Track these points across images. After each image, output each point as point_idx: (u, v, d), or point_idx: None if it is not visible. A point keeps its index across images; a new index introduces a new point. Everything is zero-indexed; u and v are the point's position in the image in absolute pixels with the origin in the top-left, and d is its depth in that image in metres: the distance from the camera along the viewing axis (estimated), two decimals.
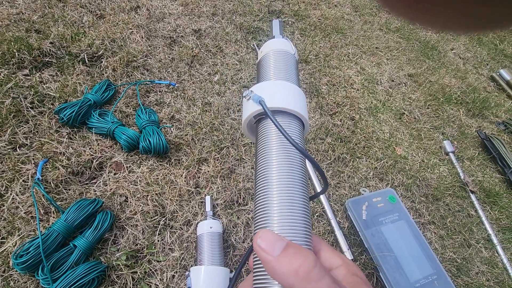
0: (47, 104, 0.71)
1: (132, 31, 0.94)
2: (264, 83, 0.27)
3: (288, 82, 0.27)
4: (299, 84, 0.29)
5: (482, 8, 0.10)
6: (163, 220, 0.63)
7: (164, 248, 0.60)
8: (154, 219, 0.63)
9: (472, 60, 1.39)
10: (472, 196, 0.86)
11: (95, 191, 0.63)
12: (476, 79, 1.28)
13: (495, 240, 0.79)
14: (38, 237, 0.51)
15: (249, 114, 0.25)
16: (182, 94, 0.85)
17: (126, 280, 0.55)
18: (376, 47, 1.24)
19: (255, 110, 0.25)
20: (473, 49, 1.45)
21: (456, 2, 0.10)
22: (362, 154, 0.87)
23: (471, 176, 0.92)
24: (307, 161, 0.24)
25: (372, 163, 0.85)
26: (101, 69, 0.83)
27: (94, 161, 0.66)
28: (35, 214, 0.56)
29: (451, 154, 0.95)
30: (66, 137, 0.68)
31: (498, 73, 1.31)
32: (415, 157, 0.91)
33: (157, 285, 0.56)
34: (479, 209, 0.84)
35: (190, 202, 0.67)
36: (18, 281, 0.51)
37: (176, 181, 0.69)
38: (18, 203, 0.58)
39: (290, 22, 1.21)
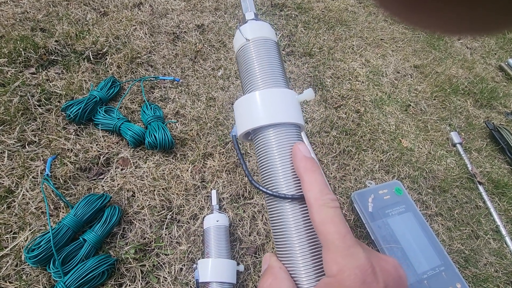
0: (54, 102, 0.72)
1: (136, 28, 0.94)
2: (246, 101, 0.29)
3: (270, 89, 0.28)
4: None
5: (475, 13, 0.10)
6: (170, 214, 0.64)
7: (171, 241, 0.61)
8: (161, 213, 0.64)
9: (479, 50, 1.36)
10: (480, 187, 0.85)
11: (103, 186, 0.64)
12: (484, 69, 1.26)
13: (503, 231, 0.78)
14: (49, 232, 0.52)
15: (241, 133, 0.29)
16: (186, 89, 0.85)
17: (135, 273, 0.56)
18: (381, 39, 1.23)
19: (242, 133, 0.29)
20: (481, 38, 1.43)
21: (450, 5, 0.10)
22: (368, 147, 0.86)
23: (479, 167, 0.91)
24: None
25: (378, 156, 0.84)
26: (106, 66, 0.83)
27: (101, 157, 0.67)
28: (45, 210, 0.58)
29: (458, 146, 0.94)
30: (73, 133, 0.69)
31: (506, 63, 1.28)
32: (421, 149, 0.91)
33: (166, 278, 0.57)
34: (487, 200, 0.83)
35: (196, 196, 0.68)
36: (30, 274, 0.52)
37: (182, 175, 0.69)
38: (29, 199, 0.59)
39: (293, 15, 1.20)
